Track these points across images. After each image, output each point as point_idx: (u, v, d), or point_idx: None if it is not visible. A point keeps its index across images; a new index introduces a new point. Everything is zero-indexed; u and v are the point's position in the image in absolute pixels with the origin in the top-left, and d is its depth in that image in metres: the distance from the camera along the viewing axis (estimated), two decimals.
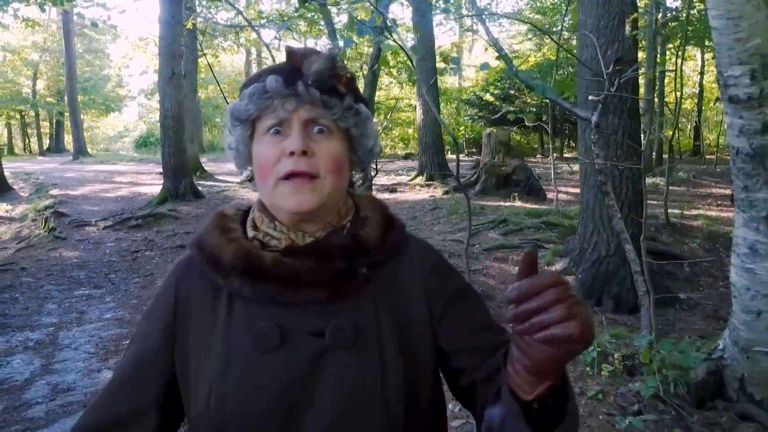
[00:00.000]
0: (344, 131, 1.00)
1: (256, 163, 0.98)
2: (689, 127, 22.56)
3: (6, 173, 15.74)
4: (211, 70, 8.02)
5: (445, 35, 26.72)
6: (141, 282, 7.33)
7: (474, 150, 22.48)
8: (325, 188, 0.95)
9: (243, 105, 0.97)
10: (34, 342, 5.30)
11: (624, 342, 3.64)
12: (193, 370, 0.97)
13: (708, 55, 16.14)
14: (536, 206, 9.04)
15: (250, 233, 1.02)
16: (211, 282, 0.99)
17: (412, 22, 14.02)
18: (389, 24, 3.59)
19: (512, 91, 21.79)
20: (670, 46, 13.96)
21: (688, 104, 21.87)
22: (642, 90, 15.23)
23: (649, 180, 12.11)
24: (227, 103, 8.33)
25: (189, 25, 11.31)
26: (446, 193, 10.66)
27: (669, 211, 7.57)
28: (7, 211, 12.67)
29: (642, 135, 4.76)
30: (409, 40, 16.84)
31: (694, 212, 8.30)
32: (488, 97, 23.13)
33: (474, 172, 10.96)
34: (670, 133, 10.45)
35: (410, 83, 20.18)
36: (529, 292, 0.66)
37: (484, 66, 3.71)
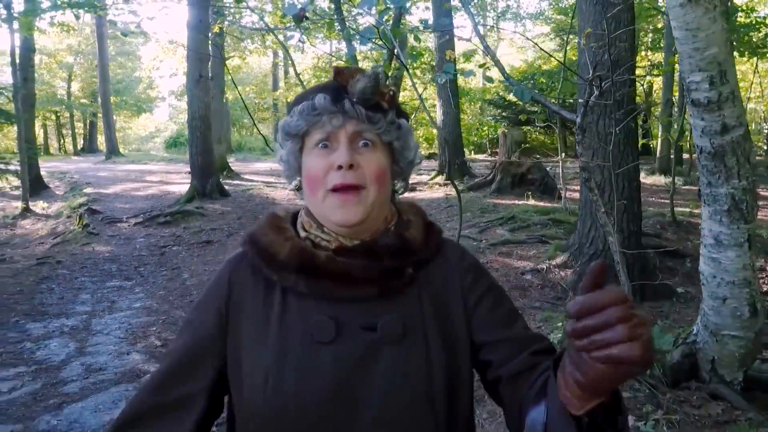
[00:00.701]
0: (387, 144, 1.07)
1: (305, 175, 1.04)
2: None
3: (42, 172, 16.36)
4: (229, 74, 8.40)
5: (463, 37, 26.77)
6: (168, 275, 7.74)
7: (497, 150, 22.63)
8: (370, 198, 1.01)
9: (293, 121, 1.04)
10: (69, 328, 5.72)
11: None
12: (247, 360, 1.00)
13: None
14: (548, 204, 9.25)
15: (302, 234, 1.08)
16: (265, 277, 1.05)
17: (421, 24, 14.28)
18: (407, 30, 3.88)
19: (535, 91, 21.89)
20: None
21: None
22: (660, 91, 15.24)
23: (666, 180, 12.20)
24: (245, 106, 8.73)
25: (216, 29, 11.76)
26: (463, 191, 10.93)
27: (680, 209, 7.76)
28: (43, 209, 13.26)
29: (639, 135, 4.96)
30: (430, 41, 17.08)
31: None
32: (511, 97, 23.24)
33: (490, 172, 11.20)
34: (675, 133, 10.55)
35: (433, 84, 20.40)
36: (592, 308, 0.64)
37: (468, 73, 3.98)
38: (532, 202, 9.56)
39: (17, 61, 14.01)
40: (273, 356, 0.98)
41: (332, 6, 7.20)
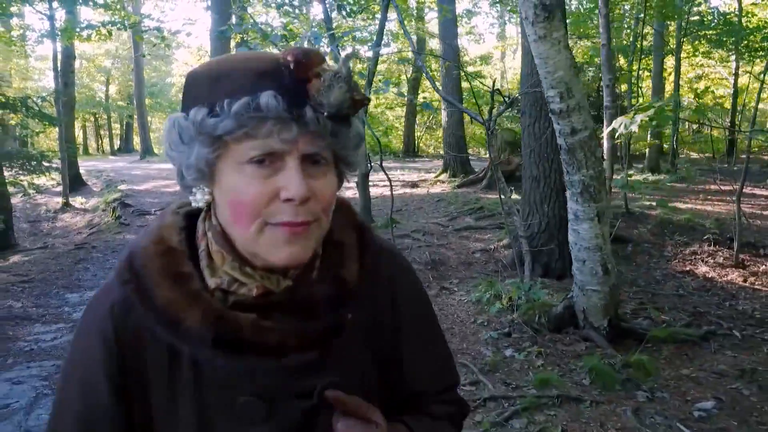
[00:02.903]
0: (339, 158, 0.83)
1: (231, 200, 0.77)
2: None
3: (81, 171, 17.67)
4: None
5: (468, 42, 27.65)
6: None
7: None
8: (319, 231, 0.81)
9: (217, 120, 0.73)
10: None
11: (520, 290, 4.84)
12: None
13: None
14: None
15: (210, 281, 0.82)
16: (165, 338, 0.80)
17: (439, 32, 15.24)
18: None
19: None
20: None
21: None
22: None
23: (653, 177, 12.99)
24: None
25: (237, 39, 12.85)
26: (457, 187, 11.87)
27: (648, 203, 8.67)
28: (81, 204, 14.59)
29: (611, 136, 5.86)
30: (434, 44, 17.99)
31: (681, 206, 9.19)
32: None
33: (482, 170, 12.14)
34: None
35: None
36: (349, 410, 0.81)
37: (427, 105, 4.91)
38: (515, 196, 10.44)
39: (59, 67, 15.38)
40: None
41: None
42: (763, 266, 6.32)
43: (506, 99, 4.35)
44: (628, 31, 14.42)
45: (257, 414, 0.83)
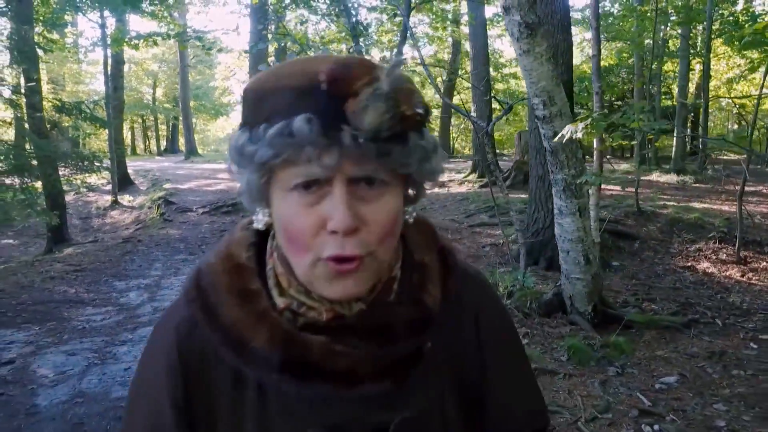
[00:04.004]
0: (403, 176, 0.72)
1: (282, 227, 0.71)
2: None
3: (129, 170, 18.64)
4: None
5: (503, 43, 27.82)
6: None
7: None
8: (376, 264, 0.71)
9: (257, 147, 0.67)
10: (144, 285, 7.56)
11: (514, 278, 5.28)
12: None
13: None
14: None
15: (279, 301, 0.76)
16: (230, 360, 0.75)
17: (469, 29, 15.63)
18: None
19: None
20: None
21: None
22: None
23: (677, 179, 13.16)
24: None
25: (275, 45, 13.56)
26: (482, 187, 12.30)
27: (661, 203, 8.97)
28: (129, 202, 15.49)
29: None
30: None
31: (695, 205, 9.46)
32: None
33: (508, 170, 12.55)
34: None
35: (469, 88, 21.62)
36: None
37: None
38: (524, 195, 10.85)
39: (109, 72, 16.33)
40: None
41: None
42: (764, 263, 6.60)
43: (503, 105, 4.80)
44: (667, 29, 14.55)
45: None
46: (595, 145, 5.11)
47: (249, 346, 0.73)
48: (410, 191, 0.78)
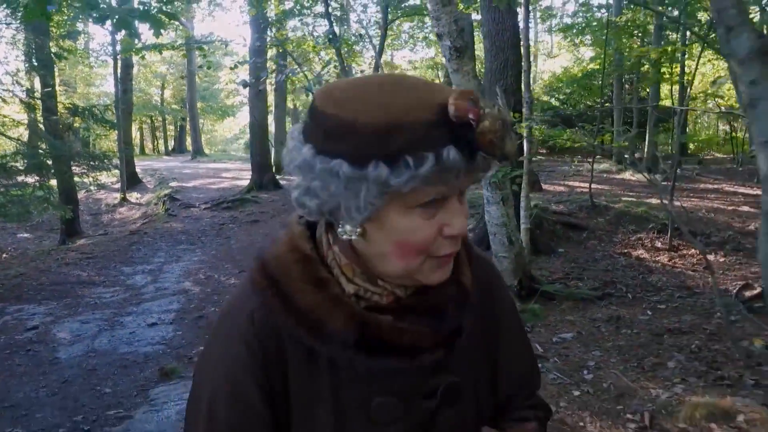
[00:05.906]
0: None
1: (398, 240, 0.78)
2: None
3: (137, 169, 19.58)
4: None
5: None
6: (221, 242, 10.51)
7: (544, 151, 24.51)
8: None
9: (403, 179, 0.71)
10: (148, 270, 8.54)
11: None
12: None
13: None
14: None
15: (348, 287, 0.86)
16: (305, 341, 0.84)
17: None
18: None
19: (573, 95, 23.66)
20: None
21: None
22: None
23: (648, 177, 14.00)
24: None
25: (271, 52, 14.50)
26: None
27: (627, 199, 9.88)
28: (137, 199, 16.47)
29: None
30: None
31: (652, 201, 10.29)
32: (553, 101, 25.03)
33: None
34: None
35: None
36: None
37: None
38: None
39: (119, 76, 17.32)
40: None
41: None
42: (692, 250, 7.47)
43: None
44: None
45: (392, 414, 0.86)
46: (525, 147, 5.96)
47: (326, 327, 0.81)
48: None
